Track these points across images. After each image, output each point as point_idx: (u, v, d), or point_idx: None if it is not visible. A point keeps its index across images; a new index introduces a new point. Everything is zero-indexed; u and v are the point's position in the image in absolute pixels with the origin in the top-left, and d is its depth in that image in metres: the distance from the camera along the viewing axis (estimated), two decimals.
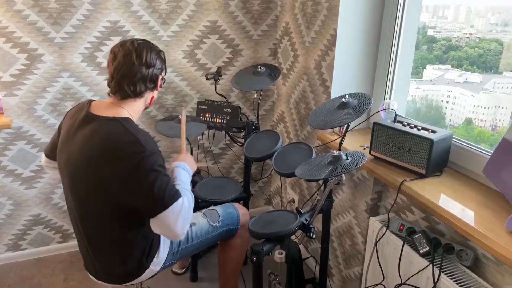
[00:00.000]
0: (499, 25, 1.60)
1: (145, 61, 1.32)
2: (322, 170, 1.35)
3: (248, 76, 2.05)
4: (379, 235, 1.50)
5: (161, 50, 1.40)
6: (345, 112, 1.47)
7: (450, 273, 1.24)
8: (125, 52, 1.30)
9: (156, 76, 1.37)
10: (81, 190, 1.31)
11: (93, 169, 1.25)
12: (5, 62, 2.01)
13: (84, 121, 1.32)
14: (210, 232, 1.61)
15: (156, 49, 1.37)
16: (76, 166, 1.29)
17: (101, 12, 2.08)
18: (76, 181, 1.31)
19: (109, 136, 1.25)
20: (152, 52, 1.35)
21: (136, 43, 1.33)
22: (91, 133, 1.27)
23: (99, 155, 1.24)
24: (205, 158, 2.45)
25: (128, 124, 1.29)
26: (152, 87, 1.38)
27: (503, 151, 1.21)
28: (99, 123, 1.29)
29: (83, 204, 1.33)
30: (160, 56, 1.38)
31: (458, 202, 1.27)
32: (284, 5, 2.29)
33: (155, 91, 1.42)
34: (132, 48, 1.31)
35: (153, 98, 1.44)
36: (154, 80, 1.37)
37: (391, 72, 1.80)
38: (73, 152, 1.30)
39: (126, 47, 1.31)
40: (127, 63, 1.30)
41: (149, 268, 1.44)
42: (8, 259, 2.35)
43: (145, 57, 1.32)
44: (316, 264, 2.19)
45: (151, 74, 1.34)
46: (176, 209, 1.25)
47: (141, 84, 1.33)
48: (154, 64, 1.35)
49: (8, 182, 2.21)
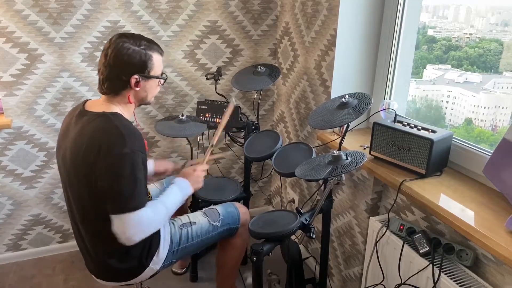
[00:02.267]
0: (499, 25, 1.60)
1: (108, 61, 1.30)
2: (322, 170, 1.35)
3: (248, 76, 2.05)
4: (379, 235, 1.50)
5: (141, 49, 1.31)
6: (345, 112, 1.47)
7: (450, 273, 1.24)
8: (103, 48, 1.33)
9: (121, 76, 1.31)
10: (75, 185, 1.32)
11: (81, 162, 1.27)
12: (5, 62, 2.01)
13: (77, 118, 1.35)
14: (211, 231, 1.61)
15: (128, 48, 1.29)
16: (71, 159, 1.31)
17: (101, 12, 2.08)
18: (71, 176, 1.33)
19: (96, 130, 1.27)
20: (121, 51, 1.28)
21: (112, 40, 1.32)
22: (81, 128, 1.30)
23: (86, 148, 1.25)
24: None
25: (116, 119, 1.30)
26: (122, 86, 1.33)
27: (503, 151, 1.21)
28: (89, 118, 1.31)
29: (78, 199, 1.34)
30: (135, 56, 1.30)
31: (458, 202, 1.27)
32: (284, 5, 2.29)
33: (132, 90, 1.35)
34: (107, 46, 1.32)
35: (130, 97, 1.37)
36: (122, 80, 1.32)
37: (391, 72, 1.79)
38: (68, 148, 1.33)
39: (106, 44, 1.33)
40: (100, 61, 1.33)
41: (149, 266, 1.44)
42: (8, 259, 2.35)
43: (109, 56, 1.30)
44: (316, 264, 2.19)
45: (115, 75, 1.31)
46: (133, 217, 1.23)
47: (109, 83, 1.33)
48: (119, 65, 1.30)
49: (8, 182, 2.21)
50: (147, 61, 1.33)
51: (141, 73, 1.33)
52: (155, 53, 1.36)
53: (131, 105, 1.40)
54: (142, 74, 1.33)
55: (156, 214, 1.31)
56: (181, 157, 2.51)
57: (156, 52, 1.37)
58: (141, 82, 1.34)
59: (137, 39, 1.33)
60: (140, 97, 1.40)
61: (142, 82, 1.35)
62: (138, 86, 1.35)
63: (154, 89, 1.43)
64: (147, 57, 1.33)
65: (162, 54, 1.41)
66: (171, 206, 1.39)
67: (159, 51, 1.39)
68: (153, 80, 1.39)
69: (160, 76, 1.41)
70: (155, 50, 1.36)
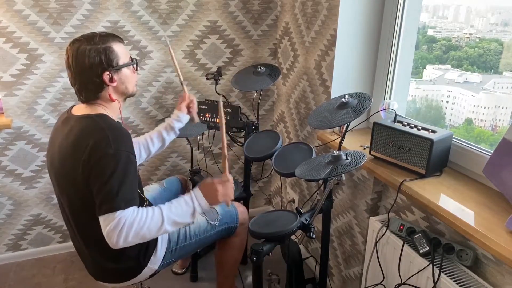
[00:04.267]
0: (499, 25, 1.60)
1: (73, 71, 1.29)
2: (322, 170, 1.35)
3: (248, 76, 2.05)
4: (379, 235, 1.50)
5: (98, 46, 1.28)
6: (345, 112, 1.47)
7: (450, 273, 1.24)
8: (65, 61, 1.31)
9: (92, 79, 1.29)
10: (66, 189, 1.32)
11: (69, 164, 1.26)
12: (5, 62, 2.01)
13: (64, 122, 1.35)
14: (209, 231, 1.61)
15: (84, 50, 1.26)
16: (59, 164, 1.31)
17: (101, 12, 2.08)
18: (60, 179, 1.33)
19: (81, 131, 1.26)
20: (81, 56, 1.26)
21: (68, 50, 1.29)
22: (68, 131, 1.30)
23: (72, 150, 1.25)
24: (204, 159, 2.45)
25: (102, 120, 1.29)
26: (98, 88, 1.31)
27: (503, 151, 1.21)
28: (75, 121, 1.31)
29: (70, 201, 1.33)
30: (95, 54, 1.27)
31: (458, 202, 1.27)
32: (284, 5, 2.29)
33: (109, 87, 1.32)
34: (66, 58, 1.30)
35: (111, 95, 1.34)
36: (95, 82, 1.29)
37: (391, 72, 1.79)
38: (55, 152, 1.32)
39: (64, 56, 1.30)
40: (68, 74, 1.31)
41: (147, 266, 1.44)
42: (8, 259, 2.35)
43: (72, 66, 1.28)
44: (316, 264, 2.19)
45: (86, 81, 1.29)
46: (114, 217, 1.18)
47: (85, 90, 1.31)
48: (84, 70, 1.27)
49: (8, 182, 2.21)
50: (109, 54, 1.29)
51: (109, 68, 1.30)
52: (113, 43, 1.31)
53: (115, 103, 1.37)
54: (111, 68, 1.30)
55: (144, 219, 1.23)
56: (181, 157, 2.51)
57: (114, 41, 1.32)
58: (113, 76, 1.31)
59: (89, 37, 1.29)
60: (121, 91, 1.37)
61: (114, 75, 1.32)
62: (113, 81, 1.32)
63: (131, 78, 1.38)
64: (108, 50, 1.29)
65: (121, 41, 1.37)
66: (170, 214, 1.28)
67: (117, 39, 1.34)
68: (125, 69, 1.35)
69: (130, 62, 1.37)
70: (111, 40, 1.32)
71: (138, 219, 1.21)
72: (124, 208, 1.20)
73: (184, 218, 1.31)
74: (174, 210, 1.30)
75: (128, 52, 1.39)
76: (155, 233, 1.26)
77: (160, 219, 1.26)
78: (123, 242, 1.20)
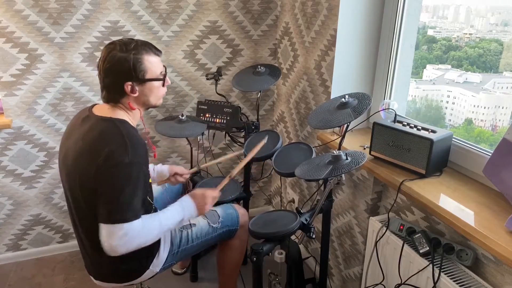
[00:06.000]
0: (499, 25, 1.60)
1: (100, 72, 1.30)
2: (322, 170, 1.35)
3: (248, 76, 2.05)
4: (379, 235, 1.50)
5: (129, 54, 1.27)
6: (345, 112, 1.47)
7: (450, 273, 1.24)
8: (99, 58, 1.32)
9: (115, 85, 1.29)
10: (74, 186, 1.31)
11: (82, 164, 1.26)
12: (5, 62, 2.01)
13: (84, 120, 1.34)
14: (210, 233, 1.61)
15: (114, 56, 1.26)
16: (72, 161, 1.30)
17: (101, 12, 2.08)
18: (70, 177, 1.32)
19: (100, 134, 1.26)
20: (109, 61, 1.27)
21: (103, 50, 1.30)
22: (86, 130, 1.29)
23: (88, 150, 1.24)
24: (204, 159, 2.45)
25: (122, 126, 1.28)
26: (119, 95, 1.31)
27: (503, 151, 1.21)
28: (95, 121, 1.30)
29: (77, 201, 1.33)
30: (122, 63, 1.26)
31: (458, 202, 1.27)
32: (284, 5, 2.29)
33: (130, 97, 1.32)
34: (100, 57, 1.31)
35: (131, 104, 1.33)
36: (116, 89, 1.30)
37: (391, 72, 1.79)
38: (70, 149, 1.32)
39: (103, 52, 1.31)
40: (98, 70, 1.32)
41: (149, 269, 1.44)
42: (8, 259, 2.35)
43: (100, 68, 1.29)
44: (316, 264, 2.19)
45: (109, 84, 1.30)
46: (120, 229, 1.20)
47: (107, 92, 1.32)
48: (109, 75, 1.28)
49: (8, 182, 2.21)
50: (136, 66, 1.27)
51: (133, 79, 1.29)
52: (146, 55, 1.29)
53: (135, 111, 1.36)
54: (134, 79, 1.29)
55: (146, 230, 1.27)
56: (181, 157, 2.51)
57: (147, 53, 1.30)
58: (136, 87, 1.30)
59: (125, 44, 1.28)
60: (142, 102, 1.36)
61: (137, 87, 1.31)
62: (134, 92, 1.31)
63: (156, 91, 1.36)
64: (137, 62, 1.27)
65: (157, 53, 1.35)
66: (166, 224, 1.34)
67: (152, 51, 1.32)
68: (151, 83, 1.33)
69: (158, 77, 1.34)
70: (145, 52, 1.30)
71: (143, 231, 1.26)
72: (132, 220, 1.22)
73: (172, 227, 1.40)
74: (168, 221, 1.36)
75: (161, 65, 1.36)
76: (150, 242, 1.32)
77: (157, 230, 1.32)
78: (125, 251, 1.24)
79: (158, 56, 1.35)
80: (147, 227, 1.27)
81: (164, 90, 1.41)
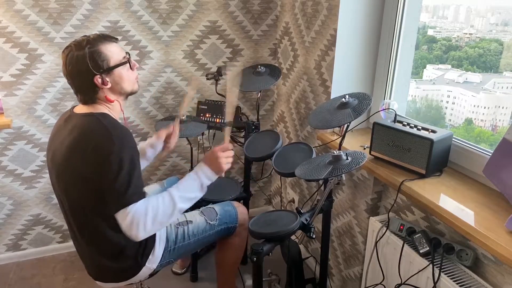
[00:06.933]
0: (499, 25, 1.60)
1: (67, 78, 1.31)
2: (322, 170, 1.35)
3: (248, 76, 2.05)
4: (379, 235, 1.50)
5: (85, 51, 1.26)
6: (345, 112, 1.47)
7: (450, 273, 1.24)
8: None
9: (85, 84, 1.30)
10: (66, 185, 1.32)
11: (71, 162, 1.27)
12: (5, 62, 2.01)
13: (67, 121, 1.36)
14: (208, 230, 1.61)
15: (72, 57, 1.26)
16: (61, 160, 1.31)
17: (101, 12, 2.08)
18: (61, 177, 1.33)
19: (84, 130, 1.27)
20: (70, 63, 1.27)
21: (63, 54, 1.30)
22: (71, 129, 1.30)
23: (75, 147, 1.26)
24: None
25: (105, 119, 1.29)
26: (93, 92, 1.31)
27: (503, 151, 1.21)
28: (77, 119, 1.32)
29: (69, 198, 1.34)
30: (82, 60, 1.26)
31: (458, 202, 1.27)
32: (284, 5, 2.29)
33: (104, 89, 1.32)
34: (62, 61, 1.30)
35: (107, 97, 1.33)
36: (88, 87, 1.30)
37: (391, 72, 1.79)
38: (57, 149, 1.33)
39: (62, 58, 1.31)
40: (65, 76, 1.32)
41: (145, 266, 1.44)
42: (8, 259, 2.35)
43: (66, 74, 1.30)
44: (316, 264, 2.19)
45: (79, 86, 1.31)
46: (129, 212, 1.23)
47: (80, 94, 1.33)
48: (75, 77, 1.29)
49: (8, 182, 2.21)
50: (96, 57, 1.27)
51: (99, 71, 1.28)
52: (102, 45, 1.29)
53: (114, 103, 1.37)
54: (100, 71, 1.29)
55: (155, 204, 1.28)
56: (181, 157, 2.51)
57: (102, 43, 1.30)
58: (105, 78, 1.30)
59: (79, 42, 1.28)
60: (118, 91, 1.36)
61: (106, 78, 1.31)
62: (106, 84, 1.31)
63: (127, 76, 1.36)
64: (95, 53, 1.27)
65: (113, 40, 1.34)
66: (180, 190, 1.34)
67: (107, 40, 1.32)
68: (119, 69, 1.33)
69: (122, 61, 1.34)
70: (100, 42, 1.29)
71: (151, 207, 1.27)
72: (135, 202, 1.24)
73: (194, 192, 1.38)
74: (182, 187, 1.36)
75: (122, 51, 1.36)
76: (170, 215, 1.32)
77: (171, 201, 1.31)
78: (144, 232, 1.26)
79: (115, 43, 1.35)
80: (156, 202, 1.28)
81: (135, 73, 1.41)
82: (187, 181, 1.39)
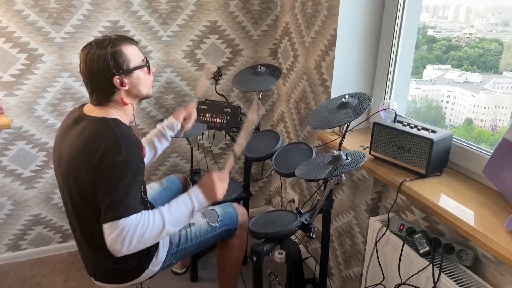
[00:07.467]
0: (499, 25, 1.60)
1: (84, 77, 1.30)
2: (322, 170, 1.35)
3: (248, 76, 2.05)
4: (379, 235, 1.50)
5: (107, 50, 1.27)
6: (345, 112, 1.47)
7: (450, 273, 1.24)
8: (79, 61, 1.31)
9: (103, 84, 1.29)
10: (71, 188, 1.31)
11: (77, 165, 1.26)
12: (5, 62, 2.01)
13: (75, 121, 1.33)
14: (209, 232, 1.61)
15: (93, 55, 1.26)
16: (67, 163, 1.30)
17: (101, 12, 2.08)
18: (67, 177, 1.32)
19: (94, 135, 1.25)
20: (90, 61, 1.27)
21: (80, 55, 1.30)
22: (80, 131, 1.29)
23: (82, 152, 1.24)
24: (205, 159, 2.45)
25: (115, 125, 1.28)
26: (109, 92, 1.31)
27: (503, 151, 1.21)
28: (88, 122, 1.30)
29: (73, 200, 1.33)
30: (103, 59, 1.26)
31: (458, 202, 1.27)
32: (284, 5, 2.29)
33: (121, 91, 1.32)
34: (79, 63, 1.30)
35: (123, 99, 1.33)
36: (105, 86, 1.30)
37: (391, 72, 1.79)
38: (64, 150, 1.32)
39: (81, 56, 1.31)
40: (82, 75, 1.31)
41: (148, 268, 1.44)
42: (8, 259, 2.35)
43: (83, 72, 1.29)
44: (316, 264, 2.19)
45: (97, 85, 1.30)
46: (119, 225, 1.18)
47: (96, 94, 1.32)
48: (94, 76, 1.28)
49: (8, 182, 2.21)
50: (117, 58, 1.28)
51: (119, 72, 1.29)
52: (123, 46, 1.30)
53: (128, 107, 1.37)
54: (120, 72, 1.29)
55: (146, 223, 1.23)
56: (181, 157, 2.51)
57: (124, 44, 1.30)
58: (124, 80, 1.30)
59: (100, 42, 1.29)
60: (134, 94, 1.36)
61: (125, 79, 1.31)
62: (124, 85, 1.31)
63: (144, 80, 1.37)
64: (116, 54, 1.28)
65: (134, 43, 1.35)
66: (172, 214, 1.29)
67: (128, 41, 1.33)
68: (137, 72, 1.33)
69: (142, 64, 1.35)
70: (122, 43, 1.30)
71: (140, 226, 1.21)
72: (127, 216, 1.20)
73: (183, 219, 1.33)
74: (174, 211, 1.30)
75: (141, 54, 1.37)
76: (156, 238, 1.27)
77: (161, 223, 1.26)
78: (126, 249, 1.21)
79: (136, 46, 1.36)
80: (147, 222, 1.23)
81: (151, 78, 1.41)
82: (180, 206, 1.33)
